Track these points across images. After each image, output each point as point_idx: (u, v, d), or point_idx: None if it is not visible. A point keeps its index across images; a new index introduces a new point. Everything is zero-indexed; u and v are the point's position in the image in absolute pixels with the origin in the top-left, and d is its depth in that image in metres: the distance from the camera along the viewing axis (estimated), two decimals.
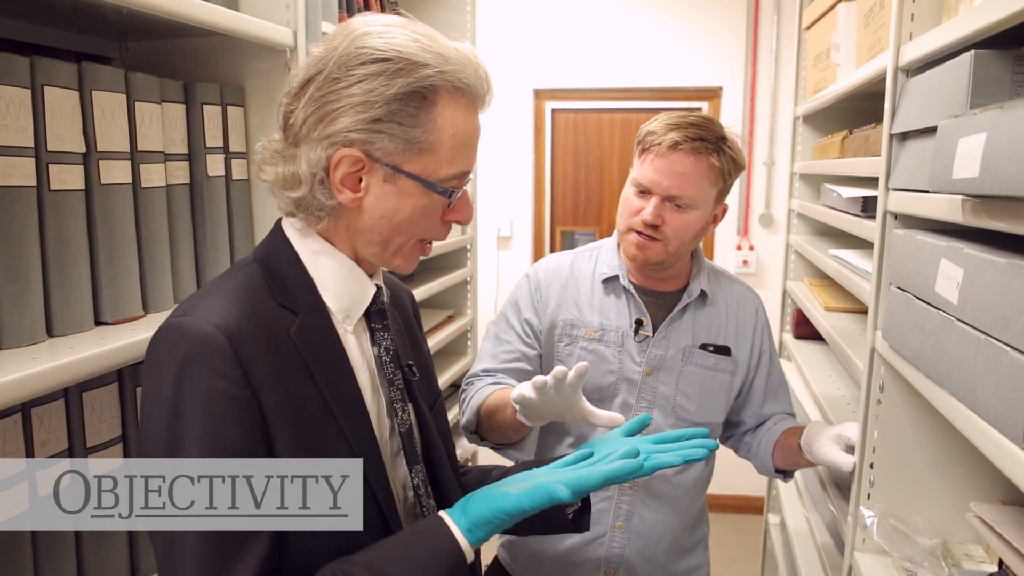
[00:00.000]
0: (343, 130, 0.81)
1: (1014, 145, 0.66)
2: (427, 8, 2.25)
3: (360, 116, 0.81)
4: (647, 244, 1.33)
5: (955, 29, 0.90)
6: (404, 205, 0.86)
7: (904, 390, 1.13)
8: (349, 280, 0.90)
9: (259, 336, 0.80)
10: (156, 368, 0.79)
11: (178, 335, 0.78)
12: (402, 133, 0.82)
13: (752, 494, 3.57)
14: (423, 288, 2.04)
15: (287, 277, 0.87)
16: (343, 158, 0.82)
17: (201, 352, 0.76)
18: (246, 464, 0.77)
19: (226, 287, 0.84)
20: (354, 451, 0.85)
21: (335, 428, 0.84)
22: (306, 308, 0.85)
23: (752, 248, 3.73)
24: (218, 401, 0.76)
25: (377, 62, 0.80)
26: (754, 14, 3.60)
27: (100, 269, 1.02)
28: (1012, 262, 0.72)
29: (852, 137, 1.60)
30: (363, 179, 0.84)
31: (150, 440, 0.78)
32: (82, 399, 1.01)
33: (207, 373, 0.76)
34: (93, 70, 0.99)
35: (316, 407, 0.83)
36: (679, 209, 1.30)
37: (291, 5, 1.29)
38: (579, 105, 3.93)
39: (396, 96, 0.80)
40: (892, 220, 1.11)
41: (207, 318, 0.79)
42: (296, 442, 0.80)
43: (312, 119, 0.82)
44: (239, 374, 0.77)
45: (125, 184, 1.04)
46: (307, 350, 0.83)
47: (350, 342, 0.90)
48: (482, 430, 1.37)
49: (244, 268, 0.88)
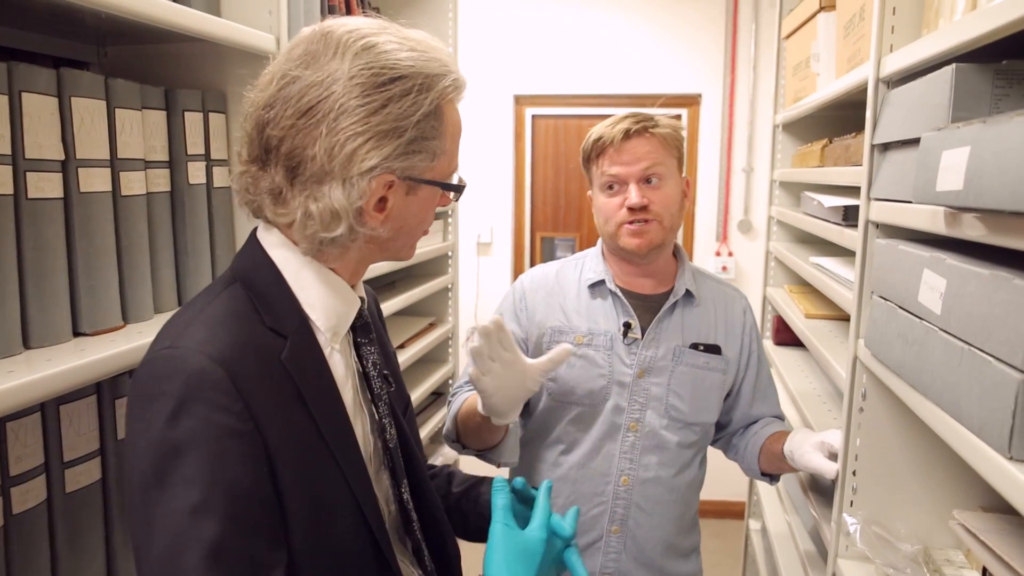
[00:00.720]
0: (383, 161, 0.78)
1: (998, 159, 0.67)
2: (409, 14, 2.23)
3: (397, 141, 0.79)
4: (644, 228, 1.35)
5: (936, 42, 0.91)
6: (423, 211, 0.87)
7: (886, 398, 1.15)
8: (335, 296, 0.87)
9: (254, 364, 0.77)
10: (147, 404, 0.73)
11: (171, 368, 0.73)
12: (428, 148, 0.82)
13: (732, 499, 3.59)
14: (404, 296, 2.02)
15: (272, 298, 0.83)
16: (380, 184, 0.80)
17: (200, 386, 0.72)
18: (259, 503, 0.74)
19: (213, 312, 0.80)
20: (344, 476, 0.83)
21: (326, 453, 0.82)
22: (294, 330, 0.82)
23: (731, 254, 3.76)
24: (222, 438, 0.72)
25: (395, 81, 0.78)
26: (732, 22, 3.64)
27: (79, 279, 1.00)
28: (995, 273, 0.73)
29: (832, 146, 1.62)
30: (388, 199, 0.82)
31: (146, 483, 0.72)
32: (59, 412, 0.99)
33: (208, 409, 0.71)
34: (72, 76, 0.97)
35: (309, 433, 0.80)
36: (655, 186, 1.36)
37: (274, 11, 1.28)
38: (559, 111, 3.95)
39: (425, 115, 0.80)
40: (874, 229, 1.13)
41: (201, 348, 0.74)
42: (294, 470, 0.77)
43: (341, 155, 0.77)
44: (241, 407, 0.73)
45: (105, 192, 1.03)
46: (299, 375, 0.80)
47: (336, 360, 0.87)
48: (461, 437, 1.38)
49: (227, 290, 0.83)
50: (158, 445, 0.71)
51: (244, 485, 0.72)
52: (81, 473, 1.02)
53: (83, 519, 1.02)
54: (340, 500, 0.83)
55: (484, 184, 3.94)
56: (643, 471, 1.38)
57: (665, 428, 1.39)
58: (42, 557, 0.97)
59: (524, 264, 4.09)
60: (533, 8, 3.81)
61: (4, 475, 0.91)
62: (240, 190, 0.85)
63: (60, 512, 0.99)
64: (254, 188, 0.83)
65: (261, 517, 0.74)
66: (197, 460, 0.71)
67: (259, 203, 0.83)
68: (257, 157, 0.82)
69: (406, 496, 0.95)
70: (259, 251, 0.86)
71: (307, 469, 0.79)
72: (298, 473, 0.78)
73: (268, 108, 0.80)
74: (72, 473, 1.01)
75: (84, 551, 1.02)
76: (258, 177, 0.82)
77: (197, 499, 0.70)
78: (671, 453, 1.40)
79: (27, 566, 0.94)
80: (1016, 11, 0.72)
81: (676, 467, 1.40)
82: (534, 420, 1.48)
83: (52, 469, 0.98)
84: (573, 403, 1.41)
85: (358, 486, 0.84)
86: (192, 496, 0.70)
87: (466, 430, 1.35)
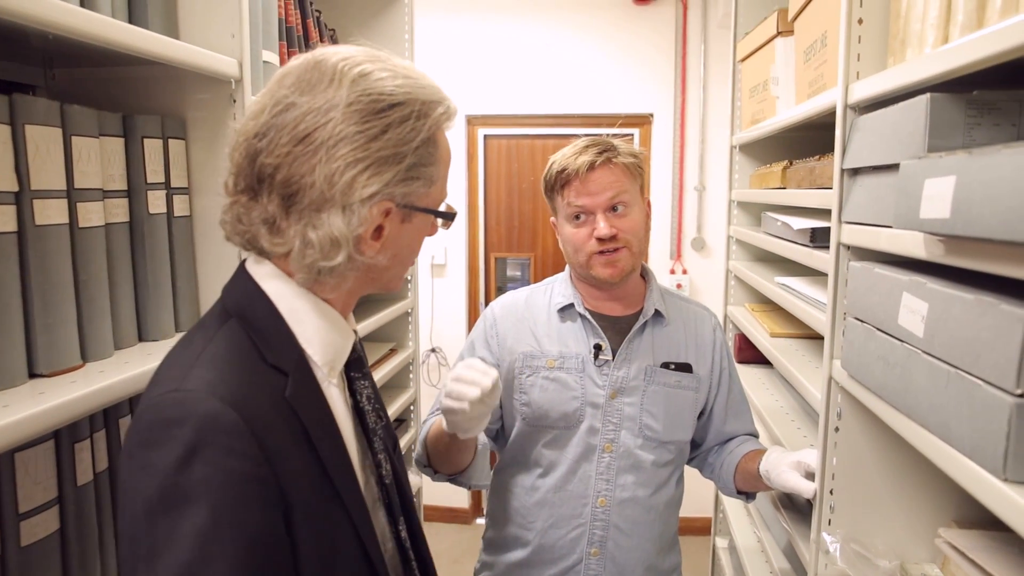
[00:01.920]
0: (384, 187, 0.78)
1: (986, 189, 0.68)
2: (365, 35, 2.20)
3: (397, 167, 0.78)
4: (615, 257, 1.36)
5: (909, 72, 0.94)
6: (417, 239, 0.87)
7: (862, 417, 1.16)
8: (332, 329, 0.85)
9: (264, 404, 0.74)
10: (153, 450, 0.68)
11: (181, 412, 0.69)
12: (426, 174, 0.82)
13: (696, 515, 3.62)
14: (364, 323, 1.98)
15: (270, 333, 0.80)
16: (378, 212, 0.79)
17: (213, 431, 0.68)
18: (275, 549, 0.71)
19: (216, 352, 0.76)
20: (349, 516, 0.80)
21: (332, 492, 0.79)
22: (294, 367, 0.79)
23: (685, 272, 3.82)
24: (238, 483, 0.68)
25: (394, 108, 0.78)
26: (682, 44, 3.71)
27: (34, 317, 0.94)
28: (979, 298, 0.75)
29: (794, 168, 1.66)
30: (384, 227, 0.81)
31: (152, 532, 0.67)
32: (14, 460, 0.92)
33: (223, 455, 0.68)
34: (25, 102, 0.91)
35: (315, 472, 0.78)
36: (622, 213, 1.37)
37: (237, 35, 1.24)
38: (512, 131, 3.96)
39: (423, 141, 0.80)
40: (845, 252, 1.15)
41: (211, 391, 0.70)
42: (304, 511, 0.75)
43: (341, 182, 0.75)
44: (256, 451, 0.70)
45: (61, 224, 0.97)
46: (304, 412, 0.78)
47: (333, 395, 0.85)
48: (432, 462, 1.38)
49: (225, 326, 0.80)
50: (168, 492, 0.67)
51: (260, 531, 0.70)
52: (37, 524, 0.96)
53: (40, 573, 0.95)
54: (345, 540, 0.80)
55: None
56: (620, 491, 1.38)
57: (640, 447, 1.39)
58: None
59: (479, 285, 4.07)
60: (485, 28, 3.82)
61: None
62: (231, 221, 0.82)
63: (15, 568, 0.92)
64: (246, 218, 0.80)
65: (277, 563, 0.71)
66: (211, 508, 0.67)
67: (253, 233, 0.80)
68: (248, 187, 0.79)
69: (404, 535, 0.93)
70: (251, 284, 0.83)
71: (316, 510, 0.77)
72: (308, 514, 0.75)
73: (261, 137, 0.78)
74: (28, 525, 0.94)
75: None
76: (249, 207, 0.79)
77: (212, 549, 0.66)
78: (647, 472, 1.40)
79: None
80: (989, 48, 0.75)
81: (653, 486, 1.40)
82: (511, 445, 1.47)
83: (6, 521, 0.92)
84: (548, 426, 1.41)
85: (362, 525, 0.82)
86: (206, 546, 0.66)
87: (436, 453, 1.35)
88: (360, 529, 0.81)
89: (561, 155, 1.39)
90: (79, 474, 1.01)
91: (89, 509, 1.03)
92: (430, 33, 3.78)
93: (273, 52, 1.49)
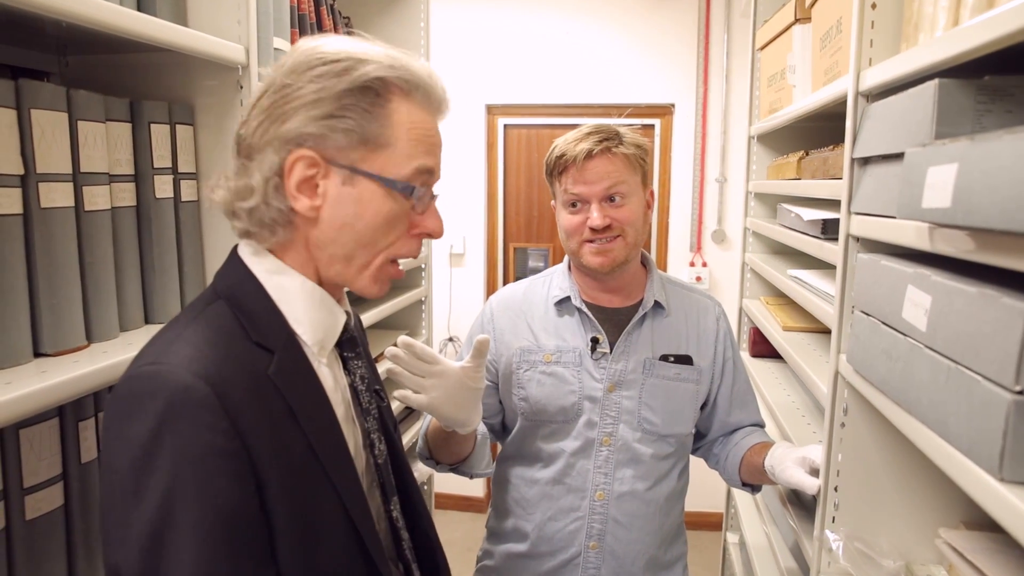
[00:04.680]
0: (295, 128, 0.79)
1: (987, 178, 0.66)
2: (380, 24, 2.22)
3: (311, 113, 0.79)
4: (607, 247, 1.35)
5: (918, 57, 0.91)
6: (365, 210, 0.82)
7: (869, 413, 1.14)
8: (320, 309, 0.85)
9: (241, 381, 0.75)
10: (127, 421, 0.71)
11: (154, 385, 0.71)
12: (356, 127, 0.80)
13: (710, 510, 3.60)
14: (377, 310, 1.99)
15: (257, 313, 0.81)
16: (298, 160, 0.79)
17: (184, 403, 0.70)
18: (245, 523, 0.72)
19: (197, 330, 0.78)
20: (339, 493, 0.81)
21: (319, 470, 0.80)
22: (281, 345, 0.80)
23: (705, 264, 3.78)
24: (208, 456, 0.69)
25: (327, 63, 0.79)
26: (704, 33, 3.66)
27: (40, 297, 0.96)
28: (982, 291, 0.73)
29: (809, 158, 1.63)
30: (320, 184, 0.81)
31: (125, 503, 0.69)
32: (19, 436, 0.94)
33: (192, 427, 0.69)
34: (31, 87, 0.93)
35: (300, 450, 0.78)
36: (618, 204, 1.34)
37: (243, 21, 1.24)
38: (532, 121, 3.94)
39: (347, 91, 0.79)
40: (855, 244, 1.12)
41: (186, 365, 0.72)
42: (283, 487, 0.75)
43: (263, 125, 0.80)
44: (226, 425, 0.71)
45: (67, 208, 0.98)
46: (288, 390, 0.79)
47: (324, 374, 0.86)
48: (433, 453, 1.38)
49: (211, 307, 0.82)
50: (138, 463, 0.69)
51: (229, 505, 0.71)
52: (42, 499, 0.98)
53: (45, 547, 0.98)
54: (332, 517, 0.81)
55: (456, 194, 3.92)
56: (618, 485, 1.38)
57: (639, 441, 1.38)
58: None
59: (497, 275, 4.07)
60: (505, 18, 3.81)
61: None
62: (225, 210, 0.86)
63: (20, 540, 0.95)
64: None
65: (247, 537, 0.72)
66: (179, 479, 0.69)
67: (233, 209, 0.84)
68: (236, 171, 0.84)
69: (395, 514, 0.94)
70: (241, 267, 0.85)
71: (298, 485, 0.77)
72: (288, 489, 0.76)
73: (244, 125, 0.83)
74: (32, 499, 0.96)
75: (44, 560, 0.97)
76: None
77: (179, 519, 0.68)
78: (646, 466, 1.39)
79: None
80: (998, 29, 0.72)
81: (652, 479, 1.39)
82: (511, 438, 1.47)
83: (11, 495, 0.94)
84: (546, 420, 1.40)
85: (352, 502, 0.82)
86: (174, 516, 0.68)
87: (436, 445, 1.36)
88: (349, 507, 0.81)
89: (563, 140, 1.37)
90: (83, 452, 1.03)
91: (92, 486, 1.04)
92: (450, 22, 3.77)
93: (284, 39, 1.49)
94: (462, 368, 1.14)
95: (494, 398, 1.47)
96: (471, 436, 1.30)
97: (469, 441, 1.31)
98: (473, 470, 1.39)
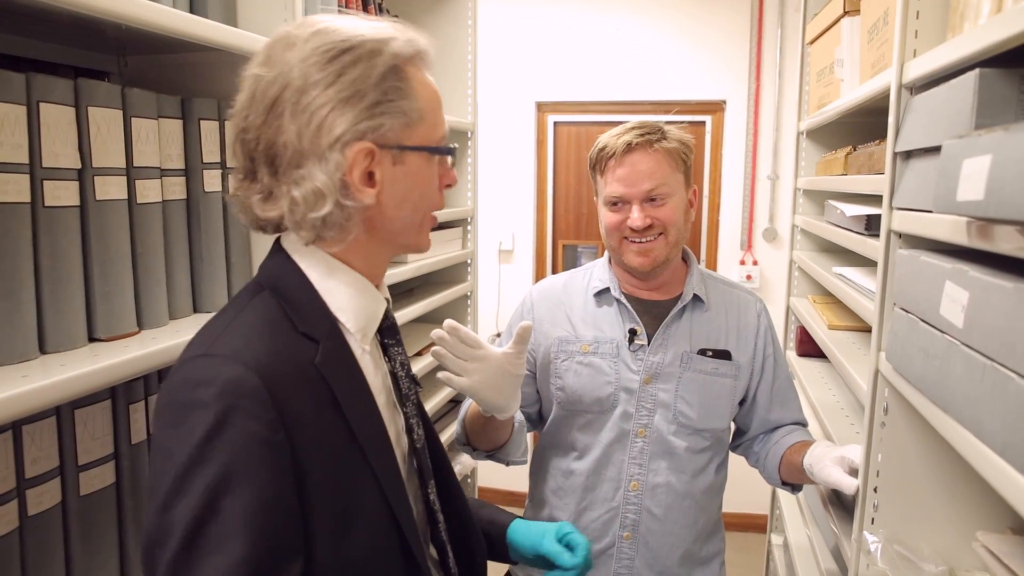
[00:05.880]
0: (351, 126, 0.79)
1: (1020, 168, 0.64)
2: (428, 22, 2.25)
3: (359, 106, 0.80)
4: (649, 247, 1.35)
5: (960, 47, 0.89)
6: (417, 180, 0.86)
7: (909, 413, 1.11)
8: (363, 297, 0.88)
9: (288, 371, 0.77)
10: (181, 410, 0.73)
11: (207, 374, 0.73)
12: (398, 109, 0.82)
13: (756, 512, 3.54)
14: (423, 303, 2.02)
15: (302, 303, 0.84)
16: (357, 154, 0.80)
17: (236, 393, 0.72)
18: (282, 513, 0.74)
19: (245, 320, 0.80)
20: (378, 481, 0.83)
21: (360, 458, 0.82)
22: (326, 334, 0.83)
23: (756, 263, 3.72)
24: (254, 447, 0.71)
25: (346, 52, 0.80)
26: (758, 28, 3.60)
27: (94, 285, 1.01)
28: (1019, 286, 0.71)
29: (856, 153, 1.59)
30: (375, 172, 0.83)
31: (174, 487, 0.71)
32: (74, 416, 1.00)
33: (243, 418, 0.71)
34: (89, 86, 0.98)
35: (343, 438, 0.81)
36: (659, 203, 1.34)
37: (289, 20, 1.28)
38: (582, 118, 3.93)
39: (382, 75, 0.80)
40: (896, 239, 1.10)
41: (237, 356, 0.74)
42: (324, 475, 0.78)
43: (309, 131, 0.79)
44: (273, 416, 0.73)
45: (120, 200, 1.03)
46: (333, 379, 0.81)
47: (367, 362, 0.88)
48: (471, 440, 1.40)
49: (256, 298, 0.84)
50: (192, 451, 0.71)
51: (270, 495, 0.72)
52: (95, 476, 1.03)
53: (97, 521, 1.03)
54: (372, 503, 0.83)
55: (506, 191, 3.94)
56: (653, 476, 1.38)
57: (674, 434, 1.38)
58: (57, 559, 0.98)
59: (546, 272, 4.08)
60: (555, 15, 3.81)
61: (20, 477, 0.92)
62: (238, 207, 0.87)
63: (75, 514, 1.00)
64: (248, 199, 0.85)
65: (282, 527, 0.74)
66: (225, 467, 0.70)
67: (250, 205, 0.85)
68: (246, 172, 0.84)
69: (432, 497, 0.96)
70: (284, 258, 0.87)
71: (339, 473, 0.80)
72: (329, 477, 0.78)
73: (244, 117, 0.83)
74: (87, 476, 1.01)
75: (98, 553, 1.03)
76: (250, 189, 0.84)
77: (222, 504, 0.70)
78: (681, 459, 1.39)
79: (42, 567, 0.95)
80: None
81: (688, 472, 1.40)
82: (548, 428, 1.49)
83: (67, 472, 0.99)
84: (582, 411, 1.42)
85: (391, 489, 0.84)
86: (217, 501, 0.70)
87: (474, 431, 1.37)
88: (388, 492, 0.83)
89: (607, 134, 1.38)
90: (133, 433, 1.08)
91: (142, 465, 1.10)
92: (500, 19, 3.79)
93: None
94: (504, 354, 1.17)
95: (532, 387, 1.49)
96: (508, 423, 1.32)
97: (506, 428, 1.33)
98: (509, 457, 1.41)
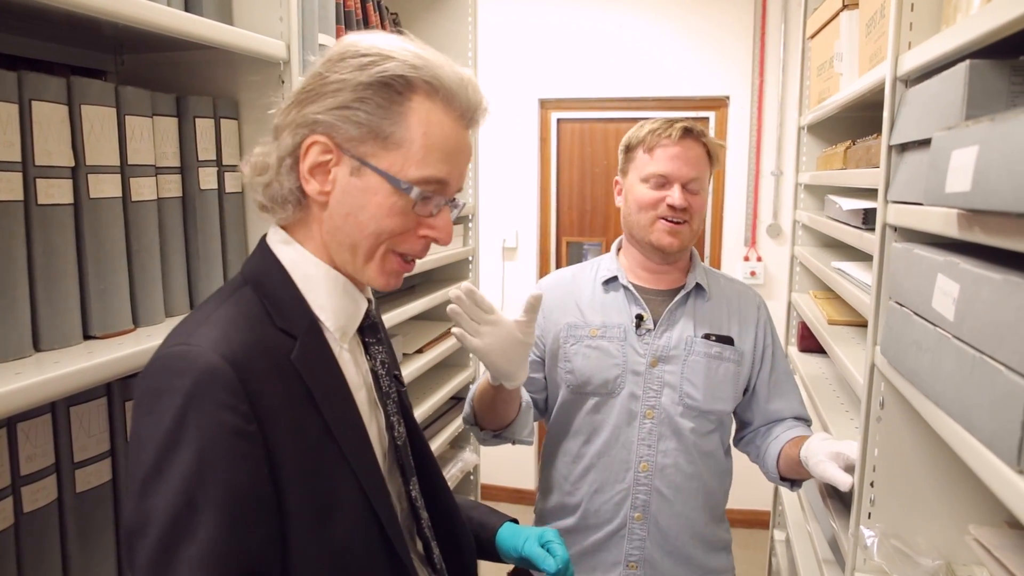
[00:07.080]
0: (311, 114, 0.82)
1: (1006, 159, 0.64)
2: (428, 19, 2.25)
3: (328, 100, 0.82)
4: (678, 228, 1.41)
5: (952, 38, 0.88)
6: (369, 201, 0.83)
7: (904, 407, 1.11)
8: (343, 297, 0.89)
9: (263, 364, 0.78)
10: (155, 397, 0.74)
11: (182, 364, 0.75)
12: (368, 121, 0.81)
13: (759, 508, 3.53)
14: (424, 300, 2.02)
15: (282, 299, 0.85)
16: (312, 145, 0.83)
17: (209, 383, 0.73)
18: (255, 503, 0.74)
19: (224, 314, 0.81)
20: (356, 475, 0.83)
21: (336, 453, 0.82)
22: (304, 331, 0.84)
23: (760, 259, 3.70)
24: (225, 436, 0.73)
25: (356, 57, 0.82)
26: (761, 23, 3.58)
27: (89, 283, 1.01)
28: (1008, 278, 0.70)
29: (855, 148, 1.58)
30: (332, 171, 0.84)
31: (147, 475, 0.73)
32: (69, 413, 1.00)
33: (215, 407, 0.73)
34: (82, 84, 0.98)
35: (318, 432, 0.81)
36: (694, 191, 1.41)
37: (285, 18, 1.29)
38: (585, 115, 3.93)
39: (365, 84, 0.81)
40: (891, 233, 1.09)
41: (212, 347, 0.75)
42: (299, 469, 0.79)
43: (290, 109, 0.85)
44: (246, 407, 0.74)
45: (115, 198, 1.04)
46: (308, 375, 0.82)
47: (346, 359, 0.89)
48: (479, 418, 1.43)
49: (237, 292, 0.85)
50: (163, 438, 0.72)
51: (244, 484, 0.73)
52: (91, 473, 1.03)
53: (94, 518, 1.03)
54: (349, 496, 0.83)
55: (509, 188, 3.94)
56: (662, 457, 1.42)
57: (680, 415, 1.43)
58: (53, 556, 0.98)
59: (550, 269, 4.07)
60: (558, 11, 3.80)
61: (15, 474, 0.93)
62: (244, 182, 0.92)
63: (71, 511, 1.00)
64: None
65: (257, 516, 0.75)
66: (198, 456, 0.72)
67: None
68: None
69: (414, 493, 0.96)
70: (268, 254, 0.88)
71: (314, 467, 0.80)
72: (303, 470, 0.79)
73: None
74: (83, 473, 1.02)
75: (95, 550, 1.03)
76: None
77: (197, 494, 0.71)
78: (688, 440, 1.43)
79: (38, 565, 0.96)
80: None
81: (696, 454, 1.44)
82: (556, 414, 1.52)
83: (63, 469, 1.00)
84: (590, 393, 1.46)
85: (369, 484, 0.85)
86: (190, 491, 0.71)
87: (482, 408, 1.40)
88: (366, 486, 0.84)
89: (651, 122, 1.44)
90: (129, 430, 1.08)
91: None
92: (503, 16, 3.79)
93: (330, 35, 1.53)
94: (515, 321, 1.24)
95: (540, 373, 1.52)
96: (516, 398, 1.36)
97: (514, 403, 1.36)
98: (516, 436, 1.44)
